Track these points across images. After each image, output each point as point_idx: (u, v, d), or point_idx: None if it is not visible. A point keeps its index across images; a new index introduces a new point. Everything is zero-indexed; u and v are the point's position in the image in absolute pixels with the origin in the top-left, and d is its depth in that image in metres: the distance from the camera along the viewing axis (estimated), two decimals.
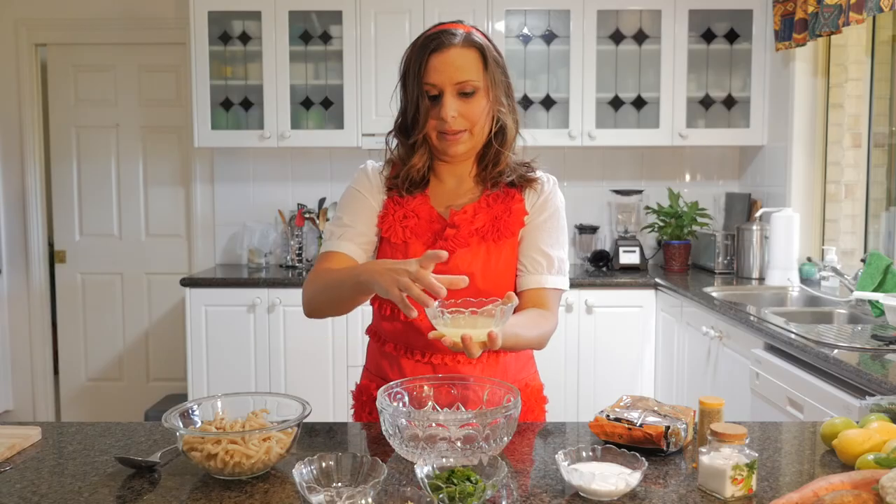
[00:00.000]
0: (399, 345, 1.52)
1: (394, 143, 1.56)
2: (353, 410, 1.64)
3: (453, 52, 1.42)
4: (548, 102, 3.71)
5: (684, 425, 1.28)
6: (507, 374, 1.54)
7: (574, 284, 3.46)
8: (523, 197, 1.52)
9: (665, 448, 1.25)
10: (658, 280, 3.46)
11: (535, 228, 1.52)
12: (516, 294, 1.45)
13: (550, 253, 1.51)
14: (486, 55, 1.44)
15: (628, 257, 3.75)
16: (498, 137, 1.50)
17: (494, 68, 1.45)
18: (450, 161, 1.51)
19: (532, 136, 1.58)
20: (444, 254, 1.18)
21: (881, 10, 2.56)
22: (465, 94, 1.43)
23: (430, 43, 1.43)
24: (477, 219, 1.48)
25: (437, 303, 1.18)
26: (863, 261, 2.68)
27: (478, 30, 1.49)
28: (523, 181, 1.52)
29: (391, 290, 1.19)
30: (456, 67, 1.42)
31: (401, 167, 1.52)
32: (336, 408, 3.52)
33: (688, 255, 3.79)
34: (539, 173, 1.55)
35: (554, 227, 1.53)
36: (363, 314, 1.60)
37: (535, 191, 1.53)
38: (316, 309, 1.48)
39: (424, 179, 1.52)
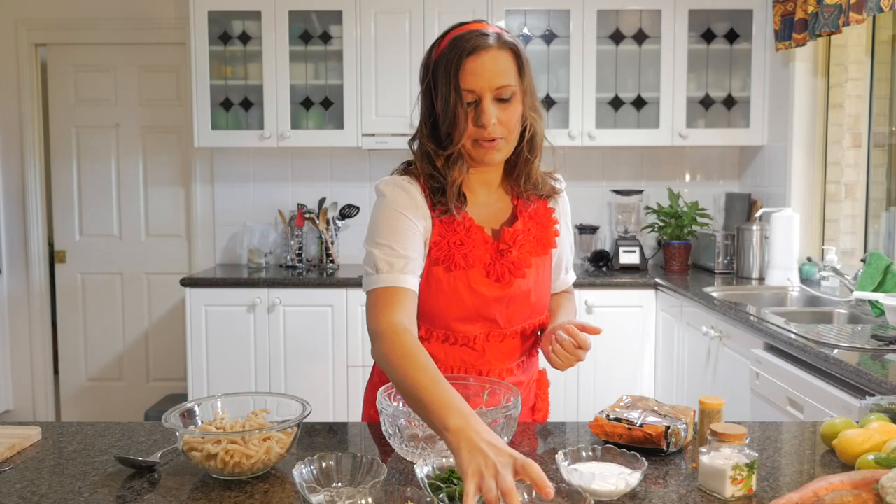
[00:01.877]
0: (455, 367, 1.48)
1: (419, 151, 1.44)
2: (362, 409, 1.63)
3: (490, 55, 1.33)
4: (548, 102, 3.71)
5: (684, 425, 1.28)
6: (534, 367, 1.59)
7: (574, 284, 3.45)
8: (552, 207, 1.53)
9: (665, 448, 1.25)
10: (658, 280, 3.46)
11: (567, 230, 1.60)
12: (555, 293, 1.62)
13: (573, 246, 1.66)
14: (521, 58, 1.37)
15: (628, 257, 3.75)
16: (529, 145, 1.43)
17: (528, 71, 1.39)
18: (482, 169, 1.44)
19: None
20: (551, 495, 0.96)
21: (881, 10, 2.56)
22: (501, 100, 1.34)
23: (465, 44, 1.32)
24: (527, 237, 1.46)
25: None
26: (863, 261, 2.68)
27: (503, 29, 1.41)
28: (554, 192, 1.53)
29: (469, 480, 0.96)
30: (494, 72, 1.32)
31: (430, 181, 1.42)
32: (336, 408, 3.52)
33: (688, 255, 3.79)
34: (560, 182, 1.56)
35: (571, 227, 1.64)
36: (364, 314, 1.55)
37: (560, 198, 1.56)
38: (383, 370, 1.26)
39: (460, 190, 1.43)
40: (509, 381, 1.46)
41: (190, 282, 3.50)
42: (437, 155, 1.40)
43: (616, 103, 3.74)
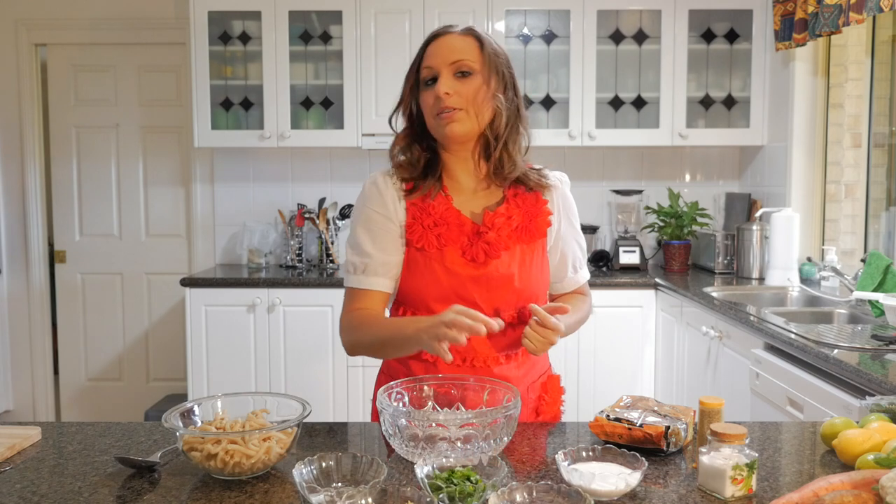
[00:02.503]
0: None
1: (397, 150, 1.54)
2: (370, 413, 1.62)
3: (450, 37, 1.47)
4: (548, 102, 3.71)
5: (684, 425, 1.28)
6: (535, 367, 1.59)
7: None
8: (546, 199, 1.54)
9: (665, 448, 1.25)
10: (658, 280, 3.46)
11: (571, 226, 1.60)
12: (564, 293, 1.64)
13: (584, 245, 1.65)
14: (483, 43, 1.47)
15: (628, 257, 3.75)
16: (491, 126, 1.48)
17: (493, 57, 1.47)
18: (452, 149, 1.49)
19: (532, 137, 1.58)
20: (501, 323, 1.31)
21: (881, 10, 2.56)
22: (461, 75, 1.44)
23: (431, 34, 1.50)
24: (512, 220, 1.48)
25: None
26: (863, 261, 2.68)
27: (475, 28, 1.52)
28: (540, 186, 1.54)
29: (433, 344, 1.28)
30: (451, 49, 1.45)
31: (405, 171, 1.51)
32: (336, 408, 3.52)
33: (688, 255, 3.79)
34: (552, 176, 1.58)
35: (578, 220, 1.64)
36: None
37: (556, 191, 1.57)
38: (360, 354, 1.51)
39: (437, 173, 1.50)
40: (498, 372, 1.48)
41: (190, 282, 3.50)
42: (404, 136, 1.52)
43: (616, 103, 3.74)
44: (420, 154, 1.51)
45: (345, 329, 1.49)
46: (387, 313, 1.56)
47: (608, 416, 1.31)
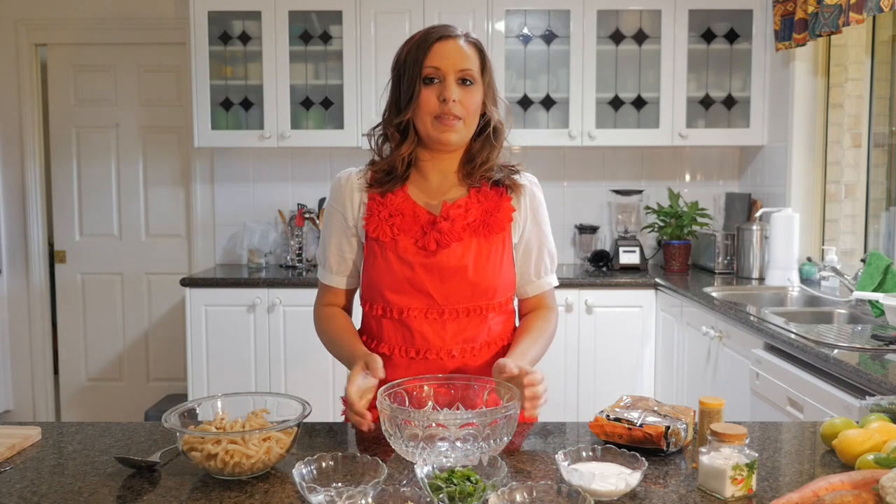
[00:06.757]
0: (393, 344, 1.52)
1: (378, 139, 1.56)
2: (343, 417, 1.62)
3: (458, 42, 1.47)
4: (548, 102, 3.71)
5: (684, 425, 1.28)
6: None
7: (574, 284, 3.46)
8: (511, 196, 1.54)
9: (665, 448, 1.25)
10: (658, 280, 3.46)
11: (537, 227, 1.57)
12: (526, 298, 1.59)
13: (553, 251, 1.61)
14: (484, 55, 1.50)
15: (628, 257, 3.75)
16: (493, 134, 1.52)
17: (489, 71, 1.51)
18: (440, 151, 1.51)
19: (522, 137, 1.58)
20: (377, 377, 1.36)
21: (881, 10, 2.56)
22: (465, 83, 1.46)
23: (435, 31, 1.47)
24: (469, 213, 1.49)
25: None
26: (863, 261, 2.68)
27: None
28: (510, 183, 1.54)
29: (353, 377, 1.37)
30: (459, 56, 1.45)
31: (379, 168, 1.53)
32: (336, 408, 3.50)
33: (688, 255, 3.79)
34: (524, 177, 1.57)
35: (548, 225, 1.61)
36: (360, 313, 1.61)
37: (525, 191, 1.56)
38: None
39: (405, 174, 1.53)
40: (453, 365, 1.48)
41: (190, 282, 3.50)
42: (392, 132, 1.52)
43: (616, 103, 3.74)
44: (407, 150, 1.51)
45: (315, 321, 1.62)
46: (358, 308, 1.62)
47: (608, 416, 1.31)
